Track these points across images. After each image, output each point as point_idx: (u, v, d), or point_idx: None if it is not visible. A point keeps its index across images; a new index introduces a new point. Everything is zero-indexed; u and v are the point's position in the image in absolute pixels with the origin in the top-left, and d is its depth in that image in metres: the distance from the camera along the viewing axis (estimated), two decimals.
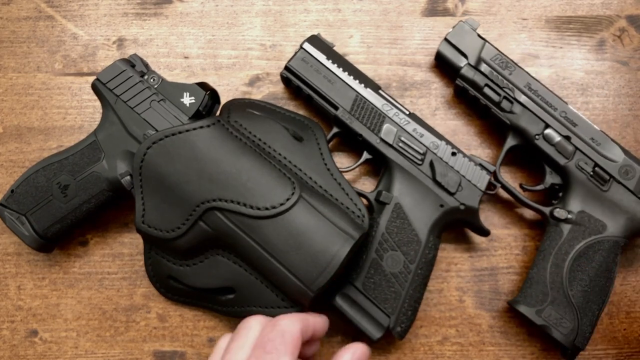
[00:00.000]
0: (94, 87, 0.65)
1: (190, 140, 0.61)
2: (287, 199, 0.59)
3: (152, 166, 0.60)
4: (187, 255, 0.63)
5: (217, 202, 0.59)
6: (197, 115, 0.64)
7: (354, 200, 0.64)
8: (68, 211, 0.64)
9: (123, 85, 0.64)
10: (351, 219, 0.62)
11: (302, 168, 0.65)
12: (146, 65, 0.66)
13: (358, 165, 0.69)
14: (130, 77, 0.64)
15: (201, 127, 0.61)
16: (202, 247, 0.62)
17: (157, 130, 0.63)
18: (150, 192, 0.61)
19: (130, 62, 0.65)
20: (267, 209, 0.59)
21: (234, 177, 0.60)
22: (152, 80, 0.64)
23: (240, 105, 0.68)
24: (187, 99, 0.64)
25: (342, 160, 0.73)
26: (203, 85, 0.65)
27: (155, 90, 0.64)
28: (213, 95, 0.66)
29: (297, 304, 0.61)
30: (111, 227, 0.71)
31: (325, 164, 0.66)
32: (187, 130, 0.61)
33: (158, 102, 0.64)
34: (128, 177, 0.63)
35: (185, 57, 0.74)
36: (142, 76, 0.65)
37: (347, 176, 0.72)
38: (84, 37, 0.75)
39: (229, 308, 0.64)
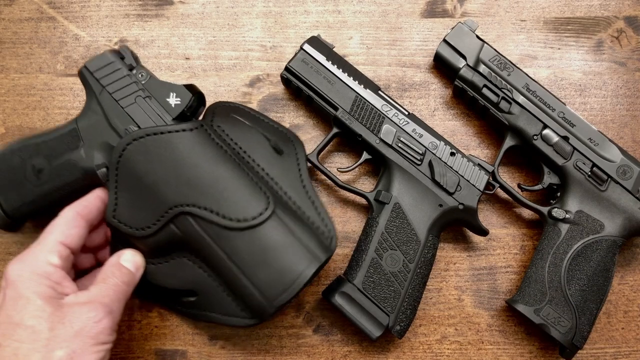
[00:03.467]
0: (80, 74, 0.64)
1: (171, 142, 0.60)
2: (260, 214, 0.59)
3: (130, 163, 0.60)
4: (153, 254, 0.62)
5: (190, 208, 0.59)
6: (181, 117, 0.63)
7: (325, 220, 0.64)
8: (39, 195, 0.62)
9: (110, 77, 0.62)
10: (319, 239, 0.62)
11: (279, 182, 0.64)
12: (136, 58, 0.65)
13: (358, 166, 0.70)
14: (118, 69, 0.63)
15: (184, 130, 0.61)
16: (169, 249, 0.62)
17: (139, 127, 0.62)
18: (125, 188, 0.60)
19: (120, 54, 0.64)
20: (239, 220, 0.59)
21: (210, 185, 0.59)
22: (140, 75, 0.63)
23: (225, 109, 0.67)
24: (173, 100, 0.63)
25: (342, 160, 0.73)
26: (191, 88, 0.64)
27: (142, 86, 0.63)
28: (199, 97, 0.65)
29: (256, 316, 0.61)
30: None
31: (302, 181, 0.65)
32: (170, 132, 0.60)
33: (143, 98, 0.62)
34: (104, 170, 0.61)
35: (187, 58, 0.75)
36: (131, 70, 0.63)
37: (347, 176, 0.73)
38: (86, 38, 0.75)
39: (188, 310, 0.65)
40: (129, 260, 0.60)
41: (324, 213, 0.64)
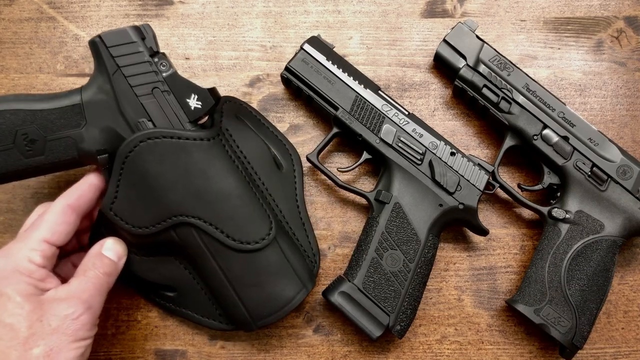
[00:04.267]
0: (93, 44, 0.58)
1: (187, 150, 0.58)
2: (263, 239, 0.59)
3: (140, 160, 0.57)
4: (141, 249, 0.62)
5: (195, 220, 0.58)
6: (197, 121, 0.60)
7: (312, 244, 0.66)
8: (27, 166, 0.58)
9: (128, 58, 0.57)
10: (308, 267, 0.64)
11: (276, 199, 0.65)
12: (154, 37, 0.60)
13: (358, 165, 0.70)
14: (139, 52, 0.58)
15: (201, 139, 0.58)
16: (161, 250, 0.62)
17: (153, 122, 0.58)
18: (128, 184, 0.57)
19: (142, 34, 0.58)
20: (241, 242, 0.59)
21: (219, 201, 0.59)
22: (162, 66, 0.58)
23: (232, 108, 0.66)
24: (193, 102, 0.59)
25: (342, 160, 0.73)
26: (213, 92, 0.61)
27: (162, 79, 0.58)
28: (217, 102, 0.63)
29: (236, 327, 0.62)
30: None
31: (297, 200, 0.66)
32: (187, 139, 0.58)
33: (162, 92, 0.58)
34: (106, 156, 0.58)
35: (187, 58, 0.75)
36: (152, 56, 0.58)
37: (347, 176, 0.73)
38: (86, 38, 0.75)
39: (166, 303, 0.65)
40: (111, 250, 0.59)
41: (311, 236, 0.66)
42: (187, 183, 0.58)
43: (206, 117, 0.64)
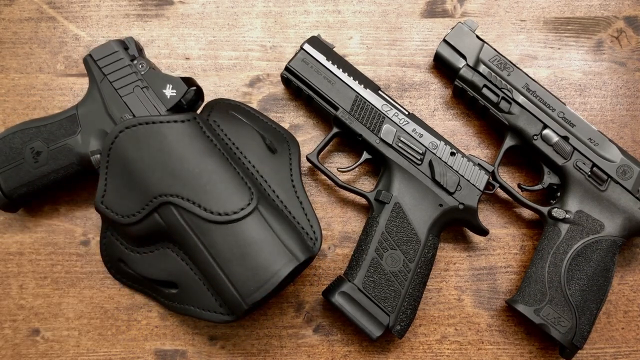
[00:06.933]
0: (85, 62, 0.65)
1: (161, 132, 0.61)
2: (242, 209, 0.60)
3: (121, 150, 0.61)
4: (138, 242, 0.63)
5: (173, 198, 0.60)
6: (176, 108, 0.64)
7: (311, 222, 0.65)
8: (36, 177, 0.64)
9: (112, 66, 0.64)
10: (302, 239, 0.62)
11: (268, 180, 0.65)
12: (140, 50, 0.66)
13: (358, 165, 0.70)
14: (121, 59, 0.64)
15: (175, 121, 0.62)
16: (153, 238, 0.62)
17: (134, 116, 0.63)
18: (114, 175, 0.61)
19: (124, 44, 0.66)
20: (219, 214, 0.59)
21: (194, 177, 0.60)
22: (140, 66, 0.65)
23: (224, 106, 0.68)
24: (168, 91, 0.64)
25: (342, 160, 0.73)
26: (187, 81, 0.65)
27: (141, 77, 0.64)
28: (197, 92, 0.66)
29: (232, 312, 0.61)
30: None
31: (292, 180, 0.66)
32: (161, 122, 0.61)
33: (141, 88, 0.64)
34: (98, 156, 0.63)
35: (187, 58, 0.75)
36: (132, 60, 0.65)
37: (347, 176, 0.73)
38: (86, 38, 0.75)
39: (170, 302, 0.65)
40: None
41: (311, 214, 0.65)
42: (162, 164, 0.60)
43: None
